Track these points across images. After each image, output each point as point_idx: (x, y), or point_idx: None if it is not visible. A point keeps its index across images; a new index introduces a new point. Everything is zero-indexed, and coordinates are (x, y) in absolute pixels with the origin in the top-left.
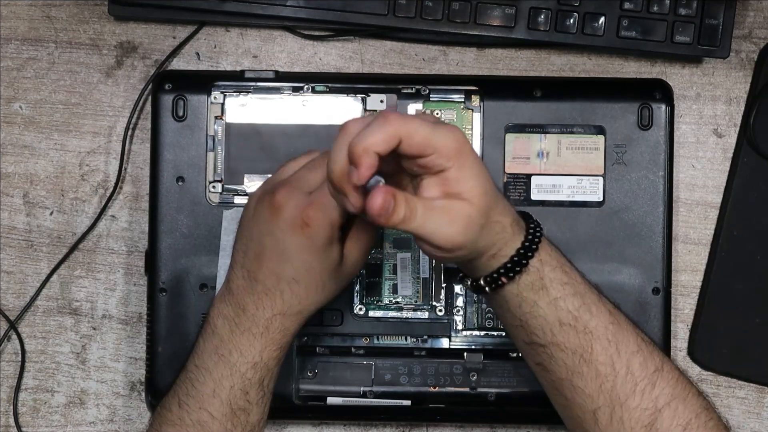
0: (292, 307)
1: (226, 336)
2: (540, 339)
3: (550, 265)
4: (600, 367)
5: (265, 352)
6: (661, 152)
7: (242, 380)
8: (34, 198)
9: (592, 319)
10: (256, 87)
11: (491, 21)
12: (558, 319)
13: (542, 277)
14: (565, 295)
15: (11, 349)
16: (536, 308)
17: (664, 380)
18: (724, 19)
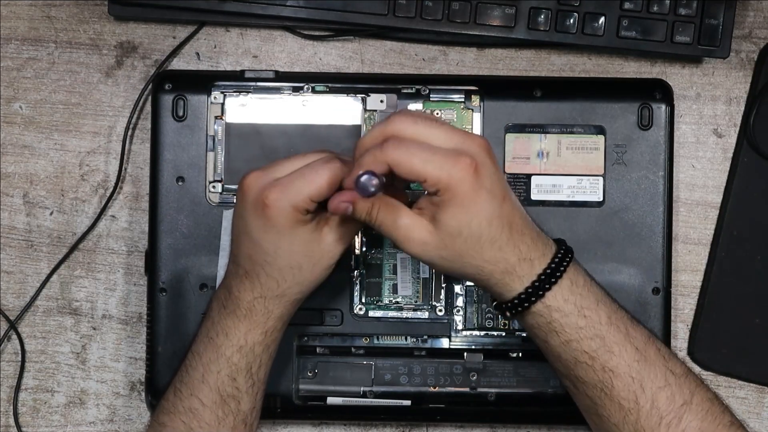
0: (271, 290)
1: (216, 318)
2: (560, 369)
3: (561, 311)
4: (623, 402)
5: (249, 335)
6: (661, 152)
7: (228, 365)
8: (34, 198)
9: (612, 359)
10: (256, 87)
11: (491, 21)
12: (573, 358)
13: (550, 322)
14: (580, 338)
15: (11, 349)
16: (548, 345)
17: (692, 413)
18: (724, 19)
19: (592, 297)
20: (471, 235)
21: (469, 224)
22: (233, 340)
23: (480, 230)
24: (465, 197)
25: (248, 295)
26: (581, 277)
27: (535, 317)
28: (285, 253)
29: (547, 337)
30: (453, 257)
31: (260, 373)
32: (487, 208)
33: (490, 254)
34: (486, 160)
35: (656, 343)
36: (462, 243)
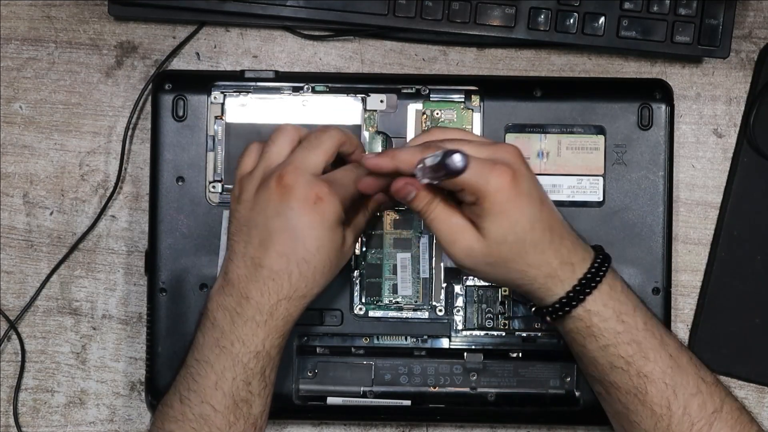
0: (298, 290)
1: (227, 327)
2: (594, 374)
3: (601, 316)
4: (655, 408)
5: (267, 340)
6: (661, 152)
7: (245, 371)
8: (34, 198)
9: (648, 364)
10: (256, 87)
11: (491, 21)
12: (609, 363)
13: (590, 326)
14: (618, 343)
15: (11, 349)
16: (585, 350)
17: (722, 421)
18: (724, 19)
19: (629, 303)
20: (516, 241)
21: (513, 230)
22: (251, 347)
23: (524, 235)
24: (506, 204)
25: (272, 298)
26: (619, 282)
27: (575, 321)
28: (325, 250)
29: (585, 341)
30: (498, 263)
31: (272, 375)
32: (528, 212)
33: (533, 258)
34: (521, 166)
35: (688, 352)
36: (507, 249)
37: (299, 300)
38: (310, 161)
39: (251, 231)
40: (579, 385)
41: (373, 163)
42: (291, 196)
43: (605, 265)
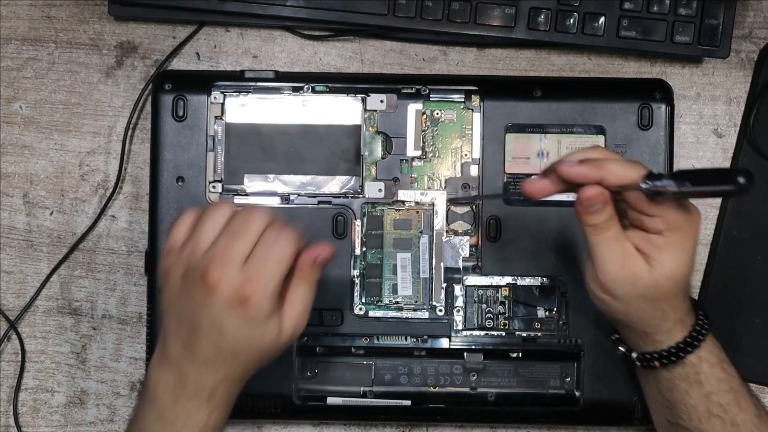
0: (235, 374)
1: (169, 403)
2: (685, 423)
3: (709, 362)
4: None
5: (212, 416)
6: (661, 152)
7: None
8: (34, 198)
9: (741, 413)
10: (256, 87)
11: (491, 21)
12: (708, 410)
13: (698, 372)
14: (720, 391)
15: (11, 349)
16: (687, 397)
17: None
18: (724, 19)
19: (724, 352)
20: (681, 280)
21: (685, 270)
22: (195, 421)
23: (687, 278)
24: (690, 242)
25: (209, 380)
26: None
27: (686, 368)
28: (256, 344)
29: (690, 388)
30: (654, 299)
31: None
32: (693, 259)
33: (678, 301)
34: None
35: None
36: (672, 286)
37: (240, 380)
38: (236, 251)
39: (181, 316)
40: (579, 385)
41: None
42: (215, 296)
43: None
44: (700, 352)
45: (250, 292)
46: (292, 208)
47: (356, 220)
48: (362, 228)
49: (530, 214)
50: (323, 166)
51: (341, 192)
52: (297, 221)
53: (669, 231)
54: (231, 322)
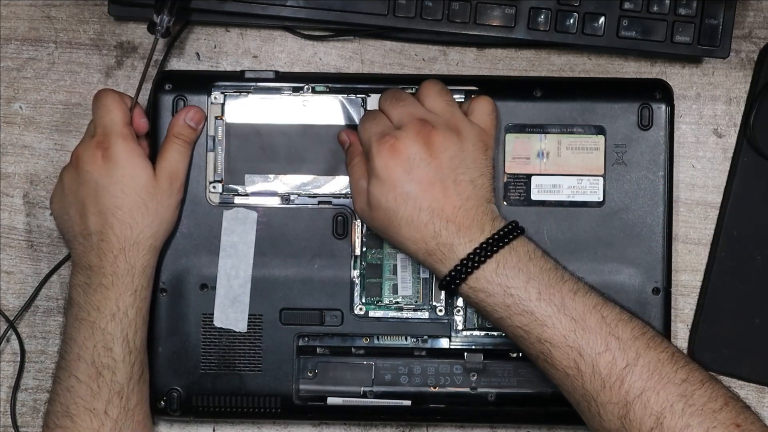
0: (127, 238)
1: (82, 300)
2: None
3: (486, 292)
4: (567, 370)
5: (120, 300)
6: (661, 152)
7: (104, 336)
8: (34, 198)
9: (546, 331)
10: (256, 87)
11: (491, 21)
12: (511, 333)
13: (478, 302)
14: (510, 315)
15: (11, 350)
16: (489, 321)
17: (636, 374)
18: (724, 19)
19: (521, 276)
20: (388, 209)
21: (386, 197)
22: (105, 311)
23: (396, 206)
24: (381, 171)
25: (109, 256)
26: (514, 258)
27: (466, 297)
28: (131, 189)
29: (483, 313)
30: (380, 228)
31: (137, 340)
32: (403, 185)
33: (407, 233)
34: (413, 145)
35: (603, 311)
36: (383, 215)
37: (134, 248)
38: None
39: (70, 211)
40: None
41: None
42: (80, 164)
43: (499, 244)
44: (470, 283)
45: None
46: (292, 208)
47: (356, 220)
48: (362, 228)
49: (530, 214)
50: (323, 166)
51: (341, 192)
52: (297, 221)
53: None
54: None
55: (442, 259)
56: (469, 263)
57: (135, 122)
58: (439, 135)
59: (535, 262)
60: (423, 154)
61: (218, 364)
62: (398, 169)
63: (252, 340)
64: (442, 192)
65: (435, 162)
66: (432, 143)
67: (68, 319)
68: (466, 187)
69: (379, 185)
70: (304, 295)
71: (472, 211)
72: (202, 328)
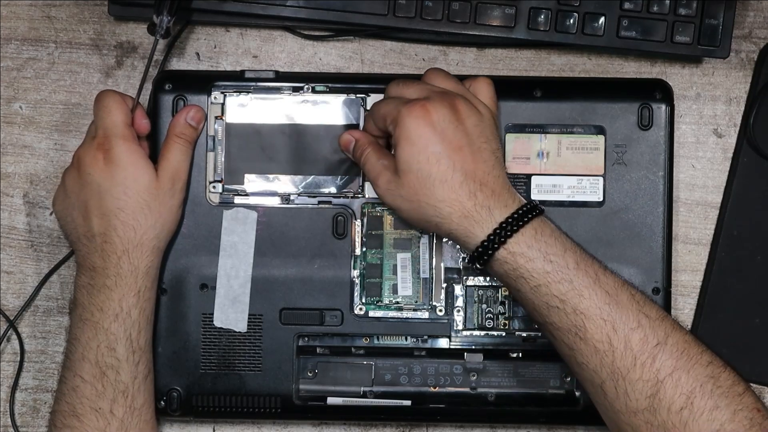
0: (130, 240)
1: (86, 301)
2: (537, 319)
3: (526, 257)
4: (597, 344)
5: (123, 300)
6: (661, 152)
7: (107, 336)
8: (34, 198)
9: (583, 302)
10: (256, 87)
11: (491, 21)
12: (545, 303)
13: (517, 268)
14: (549, 282)
15: (11, 349)
16: (520, 294)
17: (667, 353)
18: (724, 19)
19: (558, 245)
20: (420, 170)
21: (417, 159)
22: (108, 312)
23: (429, 167)
24: (412, 131)
25: (112, 258)
26: (548, 228)
27: (502, 265)
28: (133, 192)
29: (517, 283)
30: (410, 196)
31: (140, 340)
32: (434, 145)
33: (442, 193)
34: (441, 108)
35: (630, 290)
36: (414, 179)
37: (137, 249)
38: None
39: (73, 213)
40: (579, 385)
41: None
42: (82, 166)
43: (531, 213)
44: (510, 248)
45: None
46: (292, 208)
47: (356, 220)
48: (362, 228)
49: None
50: (323, 166)
51: (341, 192)
52: (297, 221)
53: (393, 128)
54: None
55: (480, 221)
56: (509, 226)
57: (136, 123)
58: (463, 103)
59: (566, 236)
60: (451, 117)
61: (218, 364)
62: (428, 129)
63: (252, 340)
64: (470, 156)
65: (462, 127)
66: (458, 109)
67: (73, 320)
68: (489, 155)
69: (409, 147)
70: (304, 295)
71: (500, 179)
72: (202, 328)
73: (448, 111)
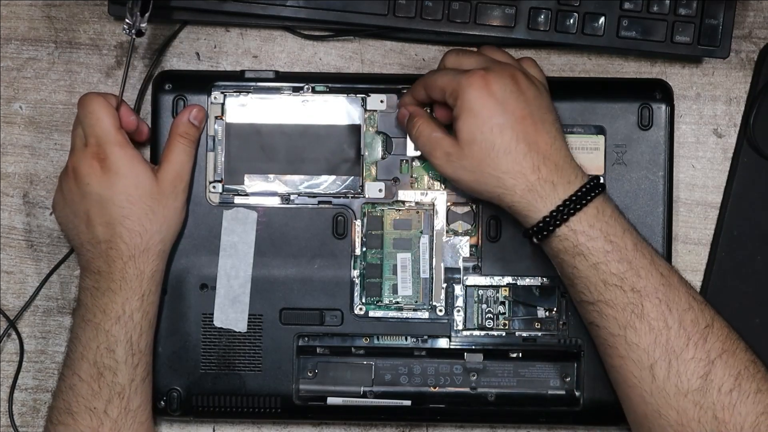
0: (137, 246)
1: (89, 303)
2: (588, 297)
3: (588, 235)
4: (653, 322)
5: (126, 304)
6: (661, 152)
7: (107, 338)
8: (34, 198)
9: (640, 281)
10: (256, 87)
11: (491, 21)
12: (602, 281)
13: (577, 245)
14: (608, 261)
15: (11, 349)
16: (577, 270)
17: (715, 335)
18: (724, 19)
19: (618, 226)
20: (484, 141)
21: (481, 129)
22: (111, 314)
23: (492, 137)
24: (474, 102)
25: (118, 263)
26: (609, 208)
27: (562, 241)
28: (136, 199)
29: (575, 260)
30: (473, 167)
31: (141, 343)
32: (497, 116)
33: (506, 165)
34: (502, 78)
35: (678, 273)
36: (478, 150)
37: (144, 255)
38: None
39: (75, 220)
40: (579, 385)
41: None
42: (79, 176)
43: (595, 191)
44: (572, 225)
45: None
46: (292, 208)
47: (356, 220)
48: (362, 228)
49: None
50: (323, 166)
51: (341, 192)
52: (297, 221)
53: (455, 99)
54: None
55: (544, 196)
56: (572, 204)
57: (124, 122)
58: (522, 75)
59: (624, 216)
60: (513, 87)
61: (218, 364)
62: (491, 99)
63: (252, 340)
64: (533, 127)
65: (523, 97)
66: (518, 80)
67: (75, 319)
68: (551, 126)
69: (471, 118)
70: (304, 295)
71: (563, 151)
72: (202, 328)
73: (509, 81)
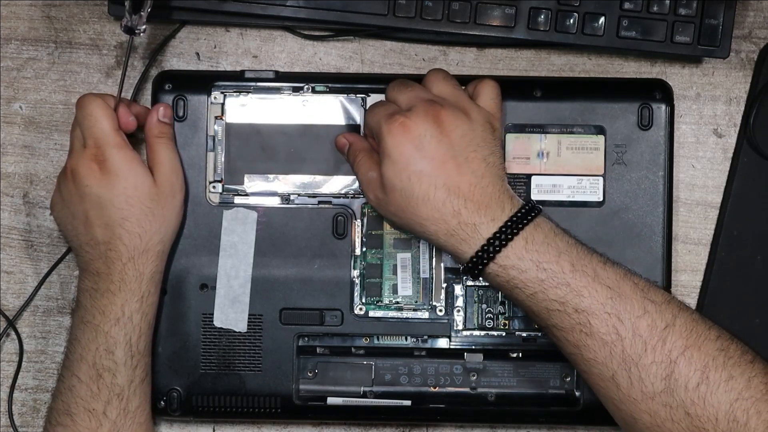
0: (136, 247)
1: (88, 304)
2: (538, 322)
3: (518, 269)
4: (605, 337)
5: (126, 305)
6: (661, 152)
7: (106, 339)
8: (34, 198)
9: (583, 300)
10: (256, 87)
11: (491, 21)
12: (545, 308)
13: (509, 279)
14: (545, 289)
15: (11, 349)
16: (518, 300)
17: (676, 334)
18: (724, 19)
19: (552, 251)
20: (403, 189)
21: (399, 177)
22: (110, 316)
23: (411, 186)
24: (393, 150)
25: (117, 265)
26: (541, 234)
27: (495, 277)
28: (135, 201)
29: (513, 293)
30: (397, 212)
31: (140, 345)
32: (415, 163)
33: (425, 212)
34: (424, 123)
35: (633, 279)
36: (399, 196)
37: (143, 256)
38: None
39: (73, 221)
40: (579, 385)
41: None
42: (78, 178)
43: (522, 223)
44: (500, 262)
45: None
46: (292, 208)
47: (356, 220)
48: (362, 228)
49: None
50: (323, 166)
51: (341, 192)
52: (297, 221)
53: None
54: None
55: (466, 239)
56: (496, 242)
57: (123, 123)
58: (449, 114)
59: (561, 237)
60: (434, 131)
61: (218, 364)
62: (409, 146)
63: (252, 340)
64: (455, 169)
65: (446, 139)
66: (442, 121)
67: (74, 321)
68: (479, 164)
69: (391, 166)
70: (304, 295)
71: (489, 189)
72: (202, 328)
73: (430, 125)
